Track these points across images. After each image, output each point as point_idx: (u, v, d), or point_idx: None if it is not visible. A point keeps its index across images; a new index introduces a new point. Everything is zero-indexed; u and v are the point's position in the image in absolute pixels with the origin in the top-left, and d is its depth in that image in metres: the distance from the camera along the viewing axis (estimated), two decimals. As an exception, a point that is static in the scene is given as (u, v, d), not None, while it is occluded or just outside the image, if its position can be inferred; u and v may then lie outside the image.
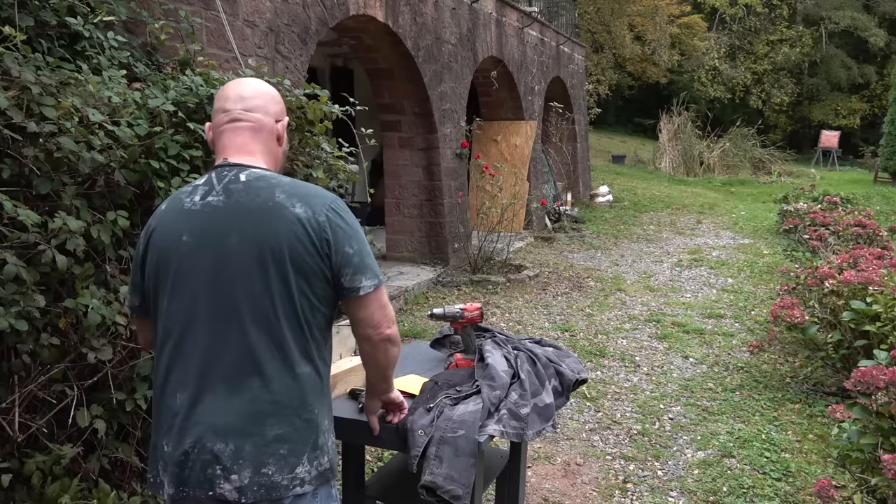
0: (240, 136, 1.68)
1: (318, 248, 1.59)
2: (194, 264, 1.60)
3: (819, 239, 7.19)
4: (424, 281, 7.24)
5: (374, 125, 5.34)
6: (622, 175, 18.93)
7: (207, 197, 1.63)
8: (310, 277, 1.60)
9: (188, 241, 1.61)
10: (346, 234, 1.62)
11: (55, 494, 2.28)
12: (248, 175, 1.63)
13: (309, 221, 1.58)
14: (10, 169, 2.24)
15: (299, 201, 1.60)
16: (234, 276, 1.58)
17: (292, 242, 1.57)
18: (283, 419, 1.58)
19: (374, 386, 1.91)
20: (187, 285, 1.61)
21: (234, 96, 1.70)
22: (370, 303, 1.65)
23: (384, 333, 1.69)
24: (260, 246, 1.57)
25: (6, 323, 2.03)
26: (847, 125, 29.42)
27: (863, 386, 2.79)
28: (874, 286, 4.35)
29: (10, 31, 2.42)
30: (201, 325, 1.59)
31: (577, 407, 4.40)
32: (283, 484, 1.56)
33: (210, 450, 1.55)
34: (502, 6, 9.82)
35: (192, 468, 1.56)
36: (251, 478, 1.54)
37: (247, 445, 1.55)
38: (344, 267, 1.61)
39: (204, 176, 1.69)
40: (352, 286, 1.62)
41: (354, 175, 3.61)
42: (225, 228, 1.60)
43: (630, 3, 22.15)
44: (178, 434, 1.58)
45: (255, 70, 3.51)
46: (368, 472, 3.04)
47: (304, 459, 1.59)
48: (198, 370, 1.58)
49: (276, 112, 1.74)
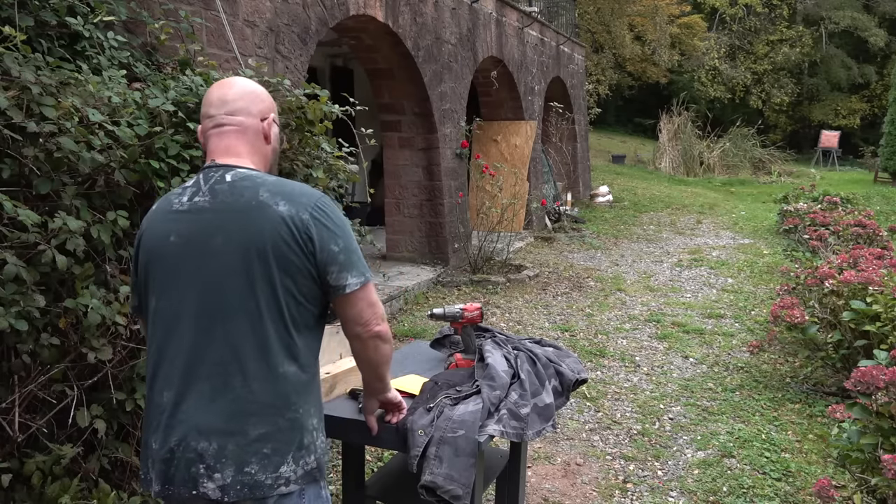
0: (225, 139, 1.70)
1: (303, 245, 1.59)
2: (181, 265, 1.62)
3: (819, 239, 7.19)
4: (424, 281, 7.24)
5: (374, 125, 5.34)
6: (622, 175, 18.93)
7: (194, 198, 1.65)
8: (294, 275, 1.60)
9: (175, 242, 1.63)
10: (330, 231, 1.62)
11: (55, 494, 2.28)
12: (233, 175, 1.65)
13: (292, 219, 1.59)
14: (10, 169, 2.24)
15: (283, 199, 1.61)
16: (219, 275, 1.59)
17: (276, 241, 1.58)
18: (266, 418, 1.58)
19: (369, 385, 1.91)
20: (174, 285, 1.63)
21: (217, 101, 1.71)
22: (358, 300, 1.65)
23: (373, 330, 1.69)
24: (244, 245, 1.58)
25: (6, 323, 2.03)
26: (847, 125, 29.42)
27: (863, 386, 2.79)
28: (874, 286, 4.35)
29: (10, 31, 2.42)
30: (186, 324, 1.60)
31: (577, 407, 4.40)
32: (267, 483, 1.56)
33: (194, 448, 1.56)
34: (502, 6, 9.82)
35: (177, 466, 1.57)
36: (234, 476, 1.55)
37: (229, 444, 1.55)
38: (329, 265, 1.62)
39: (193, 177, 1.71)
40: (338, 284, 1.63)
41: (354, 175, 3.61)
42: (210, 229, 1.61)
43: (630, 3, 22.15)
44: (164, 432, 1.59)
45: (255, 70, 3.50)
46: (368, 472, 3.04)
47: (289, 459, 1.59)
48: (183, 369, 1.60)
49: (260, 111, 1.74)
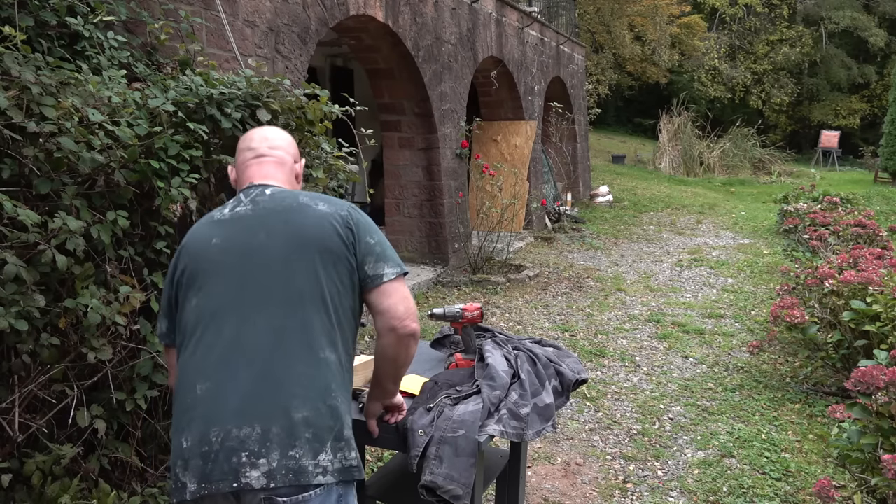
0: (265, 168, 1.85)
1: (344, 237, 1.70)
2: (223, 262, 1.68)
3: (819, 239, 7.18)
4: (424, 281, 7.24)
5: (374, 125, 5.34)
6: (622, 175, 18.92)
7: (237, 208, 1.76)
8: (336, 264, 1.68)
9: (218, 244, 1.70)
10: (367, 226, 1.76)
11: (55, 494, 2.28)
12: (272, 190, 1.79)
13: (333, 215, 1.72)
14: (10, 169, 2.24)
15: (322, 202, 1.75)
16: (261, 266, 1.65)
17: (318, 232, 1.68)
18: (308, 402, 1.57)
19: (382, 386, 1.89)
20: (216, 282, 1.66)
21: (259, 138, 1.90)
22: (393, 291, 1.71)
23: (410, 327, 1.72)
24: (287, 237, 1.67)
25: (6, 323, 2.03)
26: (847, 125, 29.43)
27: (863, 386, 2.79)
28: (874, 286, 4.35)
29: (10, 31, 2.42)
30: (227, 316, 1.62)
31: (577, 407, 4.40)
32: (309, 469, 1.53)
33: (236, 436, 1.52)
34: (502, 6, 9.82)
35: (215, 459, 1.52)
36: (279, 461, 1.51)
37: (274, 427, 1.53)
38: (367, 255, 1.71)
39: (233, 198, 1.82)
40: (375, 273, 1.71)
41: (354, 175, 3.61)
42: (254, 228, 1.70)
43: (630, 3, 22.15)
44: (202, 424, 1.55)
45: (255, 70, 3.50)
46: (368, 472, 3.04)
47: (328, 447, 1.57)
48: (219, 358, 1.59)
49: (295, 154, 1.95)
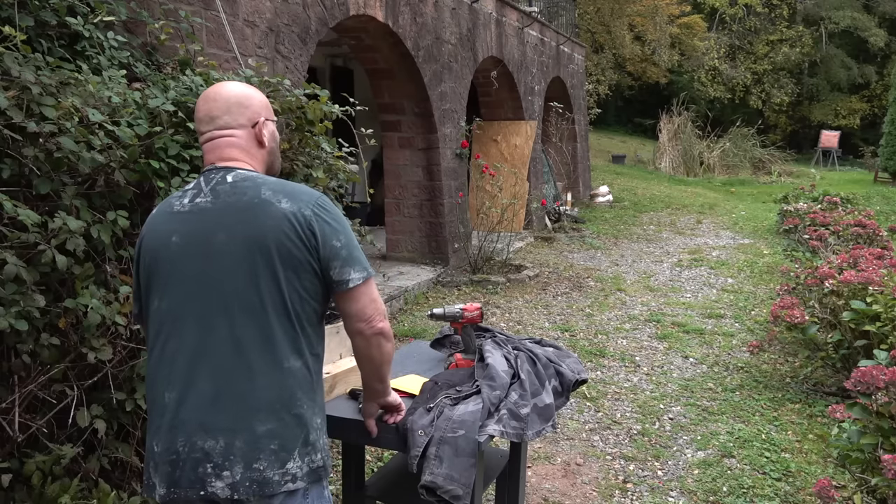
0: (218, 151, 1.72)
1: (306, 241, 1.61)
2: (183, 264, 1.62)
3: (819, 239, 7.18)
4: (424, 281, 7.24)
5: (374, 125, 5.34)
6: (622, 175, 18.93)
7: (196, 199, 1.66)
8: (298, 270, 1.61)
9: (177, 242, 1.63)
10: (332, 228, 1.64)
11: (55, 494, 2.28)
12: (234, 176, 1.66)
13: (295, 216, 1.60)
14: (10, 169, 2.24)
15: (285, 197, 1.62)
16: (222, 272, 1.60)
17: (279, 236, 1.59)
18: (272, 414, 1.57)
19: (369, 387, 1.89)
20: (176, 285, 1.62)
21: (205, 117, 1.72)
22: (361, 295, 1.66)
23: (377, 327, 1.68)
24: (247, 241, 1.59)
25: (6, 323, 2.03)
26: (847, 125, 29.44)
27: (863, 386, 2.79)
28: (874, 286, 4.35)
29: (10, 31, 2.42)
30: (188, 323, 1.60)
31: (577, 407, 4.40)
32: (275, 479, 1.56)
33: (200, 448, 1.55)
34: (502, 6, 9.82)
35: (182, 467, 1.56)
36: (243, 473, 1.54)
37: (237, 441, 1.55)
38: (332, 260, 1.63)
39: (194, 180, 1.72)
40: (341, 278, 1.64)
41: (354, 175, 3.61)
42: (213, 227, 1.62)
43: (630, 3, 22.15)
44: (168, 433, 1.58)
45: (255, 70, 3.50)
46: (368, 472, 3.04)
47: (296, 455, 1.59)
48: (185, 368, 1.59)
49: (249, 117, 1.73)
